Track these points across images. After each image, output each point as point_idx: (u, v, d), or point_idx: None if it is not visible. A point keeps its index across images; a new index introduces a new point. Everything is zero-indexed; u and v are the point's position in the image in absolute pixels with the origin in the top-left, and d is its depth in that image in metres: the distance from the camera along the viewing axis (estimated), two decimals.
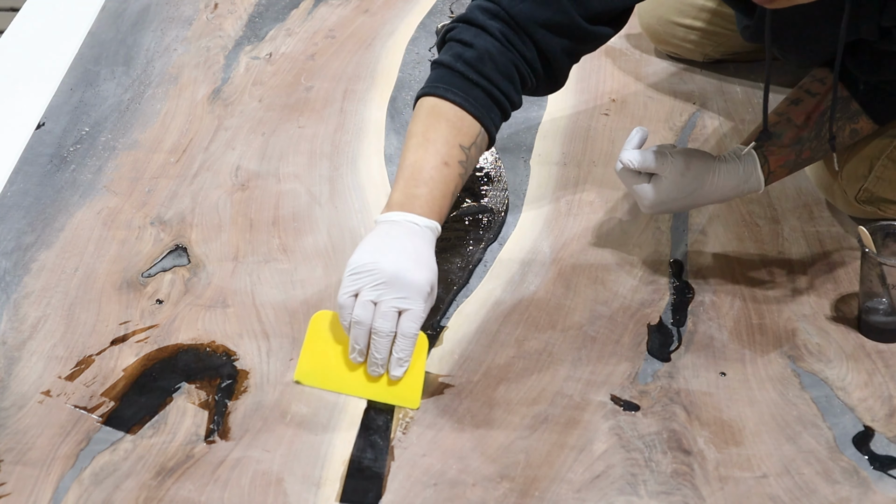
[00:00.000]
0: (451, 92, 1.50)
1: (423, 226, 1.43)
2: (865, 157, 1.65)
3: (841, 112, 1.59)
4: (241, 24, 2.26)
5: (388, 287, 1.38)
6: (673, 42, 2.09)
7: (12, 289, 1.60)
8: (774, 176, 1.60)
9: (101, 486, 1.32)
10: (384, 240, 1.41)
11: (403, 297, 1.38)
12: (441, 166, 1.47)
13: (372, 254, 1.39)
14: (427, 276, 1.39)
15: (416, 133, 1.49)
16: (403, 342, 1.39)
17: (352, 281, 1.39)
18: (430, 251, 1.42)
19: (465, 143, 1.49)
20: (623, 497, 1.32)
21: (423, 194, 1.45)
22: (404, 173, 1.47)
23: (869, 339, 1.52)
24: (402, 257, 1.39)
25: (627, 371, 1.48)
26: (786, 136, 1.59)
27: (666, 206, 1.58)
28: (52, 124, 1.94)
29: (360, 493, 1.32)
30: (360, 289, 1.38)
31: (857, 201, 1.67)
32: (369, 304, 1.38)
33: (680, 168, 1.55)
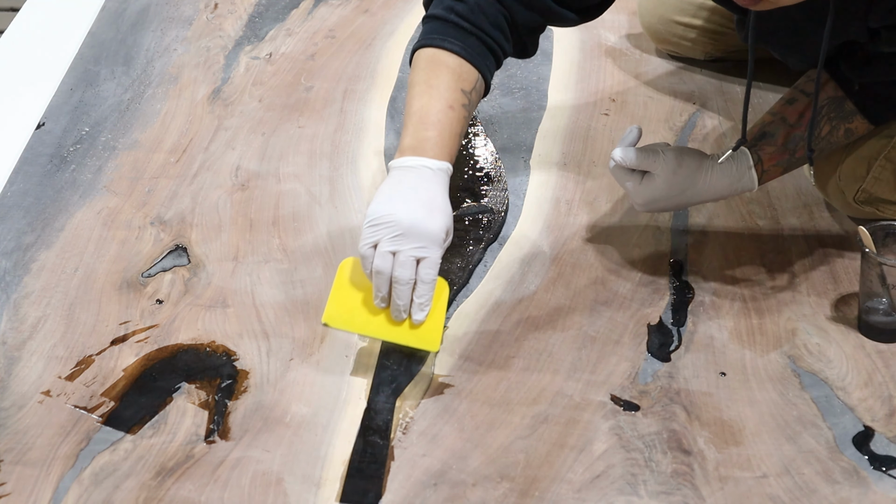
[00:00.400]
0: (448, 41, 1.55)
1: (435, 169, 1.48)
2: (863, 158, 1.65)
3: (835, 112, 1.59)
4: (241, 24, 2.26)
5: (405, 237, 1.43)
6: (673, 41, 2.09)
7: (12, 289, 1.60)
8: (768, 175, 1.60)
9: (101, 486, 1.32)
10: (399, 188, 1.46)
11: (420, 247, 1.43)
12: (447, 109, 1.52)
13: (388, 204, 1.45)
14: (442, 223, 1.45)
15: (419, 81, 1.54)
16: (423, 288, 1.45)
17: (371, 232, 1.44)
18: (444, 194, 1.47)
19: (466, 87, 1.55)
20: (623, 497, 1.32)
21: (432, 137, 1.49)
22: (412, 119, 1.52)
23: (869, 339, 1.52)
24: (416, 206, 1.44)
25: (627, 371, 1.48)
26: (779, 136, 1.59)
27: (659, 205, 1.59)
28: (52, 124, 1.94)
29: (360, 493, 1.32)
30: (378, 240, 1.44)
31: (856, 202, 1.67)
32: (388, 255, 1.43)
33: (672, 166, 1.55)
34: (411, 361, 1.48)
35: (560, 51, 2.17)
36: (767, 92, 1.99)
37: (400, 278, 1.44)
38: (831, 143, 1.61)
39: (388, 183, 1.48)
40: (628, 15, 2.26)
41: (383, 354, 1.50)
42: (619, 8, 2.27)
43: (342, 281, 1.50)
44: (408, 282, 1.44)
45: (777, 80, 1.98)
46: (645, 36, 2.18)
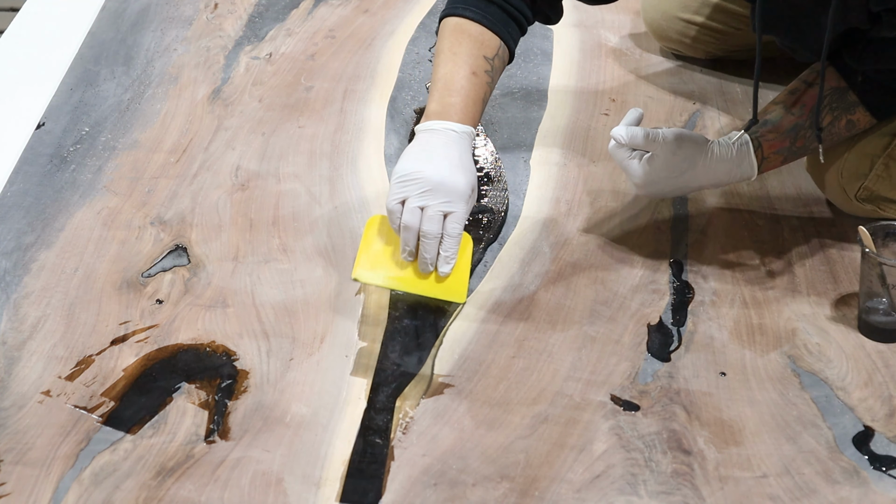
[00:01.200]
0: (470, 10, 1.62)
1: (460, 132, 1.55)
2: (866, 155, 1.65)
3: (837, 102, 1.59)
4: (241, 24, 2.26)
5: (433, 193, 1.50)
6: (675, 38, 2.09)
7: (12, 289, 1.60)
8: (768, 163, 1.61)
9: (101, 486, 1.32)
10: (426, 148, 1.54)
11: (447, 202, 1.51)
12: (470, 76, 1.59)
13: (416, 162, 1.52)
14: (468, 180, 1.52)
15: (444, 49, 1.62)
16: (449, 241, 1.52)
17: (399, 188, 1.51)
18: (469, 156, 1.55)
19: (488, 54, 1.62)
20: (623, 497, 1.32)
21: (457, 102, 1.57)
22: (437, 85, 1.59)
23: (869, 339, 1.52)
24: (443, 164, 1.51)
25: (627, 371, 1.48)
26: (781, 124, 1.60)
27: (657, 187, 1.59)
28: (52, 124, 1.94)
29: (360, 493, 1.32)
30: (406, 196, 1.51)
31: (857, 199, 1.67)
32: (416, 210, 1.50)
33: (671, 147, 1.56)
34: (412, 361, 1.49)
35: (560, 51, 2.17)
36: (770, 92, 1.99)
37: (428, 232, 1.50)
38: (833, 133, 1.61)
39: (416, 144, 1.55)
40: (630, 14, 2.26)
41: (383, 354, 1.50)
42: (621, 8, 2.28)
43: (369, 238, 1.56)
44: (435, 236, 1.51)
45: (780, 80, 1.98)
46: (645, 36, 2.18)
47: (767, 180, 1.80)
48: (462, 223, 1.53)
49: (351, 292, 1.59)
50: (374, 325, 1.54)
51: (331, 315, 1.56)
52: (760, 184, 1.79)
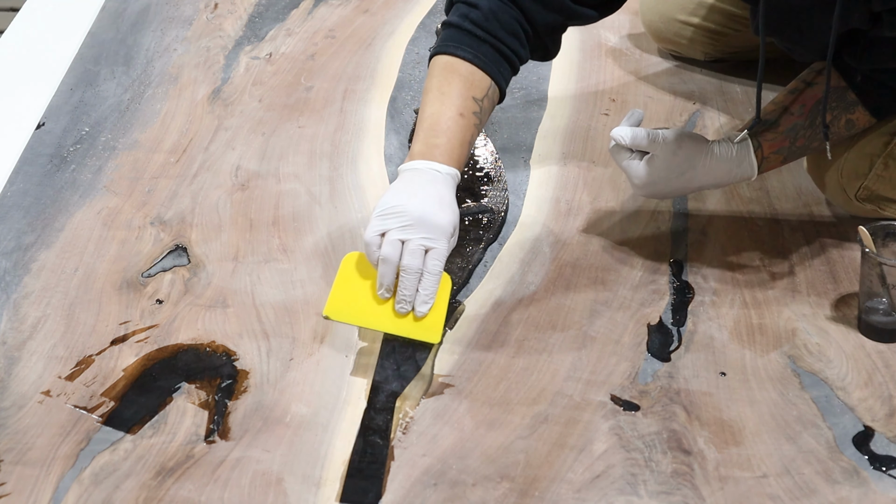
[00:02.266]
0: (462, 49, 1.59)
1: (444, 173, 1.52)
2: (866, 155, 1.65)
3: (837, 102, 1.60)
4: (241, 24, 2.26)
5: (415, 228, 1.47)
6: (674, 40, 2.09)
7: (12, 289, 1.60)
8: (768, 163, 1.61)
9: (101, 486, 1.32)
10: (409, 185, 1.50)
11: (429, 237, 1.47)
12: (457, 117, 1.55)
13: (398, 197, 1.49)
14: (450, 218, 1.49)
15: (432, 88, 1.58)
16: (429, 279, 1.48)
17: (380, 222, 1.48)
18: (452, 196, 1.51)
19: (477, 95, 1.58)
20: (623, 497, 1.32)
21: (442, 143, 1.54)
22: (423, 125, 1.56)
23: (869, 339, 1.52)
24: (427, 201, 1.48)
25: (627, 371, 1.48)
26: (781, 124, 1.60)
27: (657, 188, 1.59)
28: (52, 124, 1.95)
29: (360, 493, 1.32)
30: (387, 229, 1.47)
31: (857, 199, 1.67)
32: (397, 243, 1.46)
33: (671, 147, 1.56)
34: (411, 361, 1.49)
35: (560, 51, 2.16)
36: (769, 92, 1.99)
37: (408, 267, 1.46)
38: (832, 133, 1.61)
39: (399, 182, 1.52)
40: (629, 15, 2.26)
41: (383, 354, 1.50)
42: (621, 8, 2.27)
43: (345, 275, 1.51)
44: (416, 271, 1.47)
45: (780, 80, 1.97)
46: (645, 36, 2.18)
47: (767, 180, 1.80)
48: (443, 260, 1.48)
49: None
50: None
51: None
52: (760, 184, 1.80)
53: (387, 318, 1.49)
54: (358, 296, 1.50)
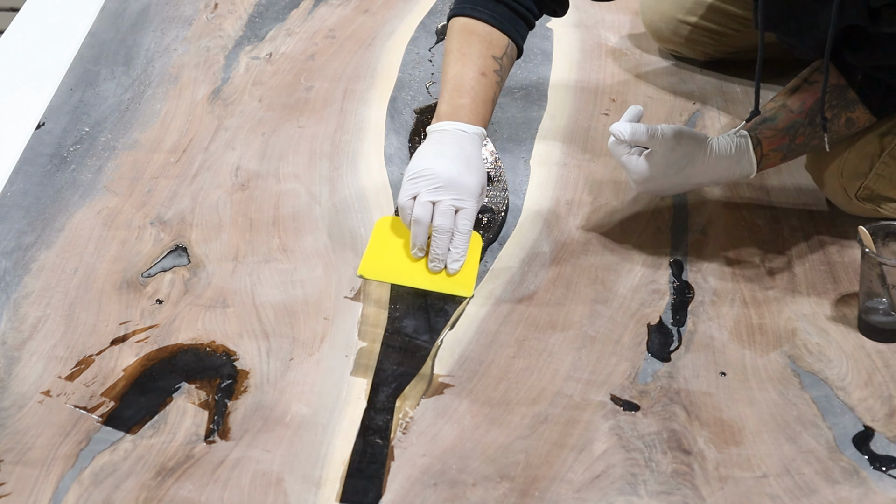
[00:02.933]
0: (477, 10, 1.66)
1: (471, 132, 1.59)
2: (866, 155, 1.65)
3: (837, 100, 1.60)
4: (241, 24, 2.26)
5: (445, 189, 1.54)
6: (674, 39, 2.09)
7: (12, 289, 1.60)
8: (767, 160, 1.62)
9: (101, 486, 1.32)
10: (438, 147, 1.57)
11: (459, 198, 1.54)
12: (479, 77, 1.62)
13: (428, 160, 1.55)
14: (478, 179, 1.56)
15: (452, 50, 1.65)
16: (460, 238, 1.55)
17: (411, 185, 1.55)
18: (479, 156, 1.59)
19: (497, 54, 1.65)
20: (623, 497, 1.32)
21: (466, 104, 1.60)
22: (447, 86, 1.62)
23: (869, 339, 1.52)
24: (455, 162, 1.55)
25: (627, 371, 1.48)
26: (780, 121, 1.61)
27: (657, 184, 1.60)
28: (52, 124, 1.95)
29: (360, 493, 1.32)
30: (418, 192, 1.54)
31: (857, 198, 1.67)
32: (428, 204, 1.53)
33: (670, 143, 1.57)
34: (411, 361, 1.49)
35: (560, 51, 2.17)
36: (769, 91, 1.99)
37: (440, 226, 1.53)
38: (832, 131, 1.61)
39: (427, 143, 1.59)
40: (629, 15, 2.26)
41: (383, 354, 1.50)
42: (621, 8, 2.28)
43: (378, 237, 1.59)
44: (447, 230, 1.54)
45: (779, 80, 1.98)
46: (645, 36, 2.18)
47: (767, 180, 1.80)
48: (472, 220, 1.56)
49: (351, 292, 1.59)
50: (374, 325, 1.54)
51: (331, 315, 1.56)
52: (760, 184, 1.80)
53: (420, 275, 1.56)
54: (391, 255, 1.57)
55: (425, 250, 1.56)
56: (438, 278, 1.55)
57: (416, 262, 1.56)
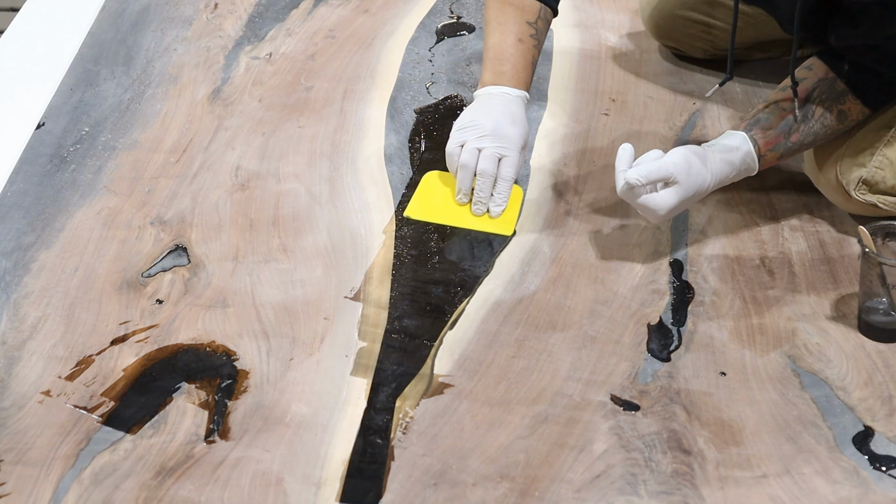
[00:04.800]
0: None
1: (514, 95, 1.71)
2: (864, 149, 1.66)
3: (827, 93, 1.62)
4: (241, 24, 2.26)
5: (490, 138, 1.67)
6: (673, 36, 2.09)
7: (12, 289, 1.60)
8: (766, 160, 1.64)
9: (101, 486, 1.32)
10: (484, 106, 1.70)
11: (503, 147, 1.67)
12: (517, 43, 1.73)
13: (475, 114, 1.69)
14: (521, 132, 1.69)
15: (490, 20, 1.76)
16: (503, 185, 1.68)
17: (459, 135, 1.68)
18: (523, 114, 1.71)
19: (531, 19, 1.75)
20: (623, 497, 1.32)
21: (508, 70, 1.72)
22: (489, 55, 1.74)
23: (869, 339, 1.52)
24: (500, 116, 1.68)
25: (627, 371, 1.48)
26: (774, 120, 1.63)
27: (677, 210, 1.60)
28: (52, 124, 1.95)
29: (360, 493, 1.32)
30: (465, 140, 1.67)
31: (856, 195, 1.67)
32: (474, 151, 1.67)
33: (684, 168, 1.57)
34: (411, 361, 1.49)
35: (560, 51, 2.17)
36: (766, 90, 1.99)
37: (484, 171, 1.66)
38: (825, 125, 1.63)
39: (474, 104, 1.72)
40: (629, 14, 2.26)
41: (383, 354, 1.50)
42: (621, 7, 2.28)
43: (425, 185, 1.75)
44: (491, 175, 1.66)
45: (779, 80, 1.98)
46: (645, 36, 2.18)
47: (767, 180, 1.80)
48: (515, 169, 1.67)
49: (351, 292, 1.59)
50: (374, 325, 1.54)
51: (331, 315, 1.56)
52: (760, 184, 1.80)
53: (464, 216, 1.69)
54: (437, 200, 1.72)
55: (469, 196, 1.69)
56: (481, 220, 1.68)
57: (461, 206, 1.70)
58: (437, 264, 1.65)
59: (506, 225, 1.68)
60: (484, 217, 1.69)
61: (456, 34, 2.23)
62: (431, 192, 1.74)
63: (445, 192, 1.73)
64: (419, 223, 1.71)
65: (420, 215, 1.70)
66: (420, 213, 1.70)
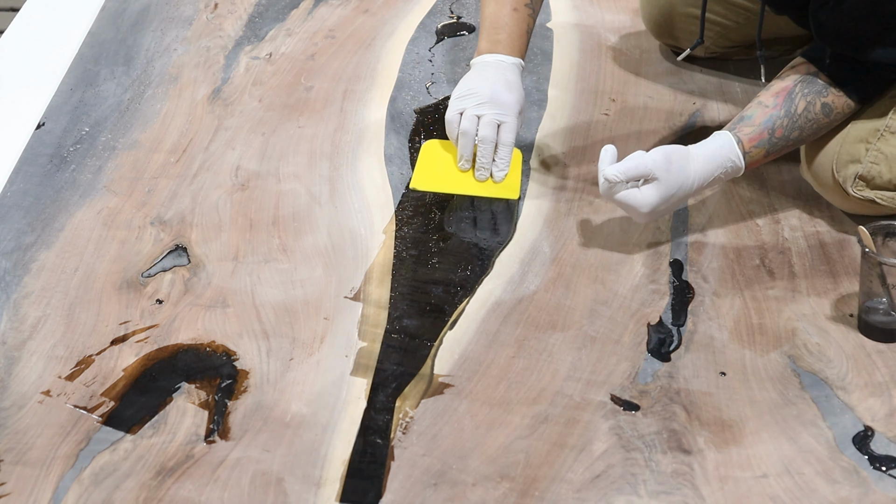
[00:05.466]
0: None
1: (509, 62, 1.75)
2: (859, 141, 1.66)
3: (809, 87, 1.64)
4: (241, 24, 2.26)
5: (488, 105, 1.71)
6: (673, 34, 2.09)
7: (12, 289, 1.60)
8: (751, 157, 1.64)
9: (101, 486, 1.32)
10: (480, 73, 1.75)
11: (501, 113, 1.71)
12: (512, 13, 1.77)
13: (472, 82, 1.74)
14: (517, 98, 1.73)
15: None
16: (503, 150, 1.73)
17: (458, 103, 1.73)
18: (518, 81, 1.75)
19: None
20: (623, 497, 1.32)
21: (503, 38, 1.77)
22: (485, 24, 1.78)
23: (869, 339, 1.52)
24: (497, 84, 1.73)
25: (627, 371, 1.48)
26: (756, 117, 1.64)
27: (661, 208, 1.60)
28: (52, 124, 1.95)
29: (360, 493, 1.32)
30: (464, 108, 1.72)
31: (853, 190, 1.66)
32: (473, 118, 1.72)
33: (664, 164, 1.58)
34: (411, 361, 1.49)
35: (560, 51, 2.17)
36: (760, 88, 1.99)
37: (485, 137, 1.71)
38: (809, 119, 1.64)
39: (471, 72, 1.76)
40: (629, 14, 2.26)
41: (383, 354, 1.50)
42: (621, 7, 2.28)
43: (426, 156, 1.79)
44: (491, 141, 1.71)
45: None
46: (645, 36, 2.18)
47: (767, 180, 1.80)
48: (513, 133, 1.72)
49: (351, 292, 1.59)
50: (374, 325, 1.54)
51: (331, 315, 1.56)
52: (760, 184, 1.80)
53: (469, 183, 1.74)
54: (440, 169, 1.76)
55: (471, 162, 1.74)
56: (486, 185, 1.73)
57: (464, 174, 1.74)
58: (437, 264, 1.65)
59: (510, 189, 1.73)
60: (488, 182, 1.73)
61: (456, 34, 2.23)
62: (433, 162, 1.78)
63: (447, 159, 1.77)
64: (419, 223, 1.71)
65: (426, 186, 1.74)
66: (426, 183, 1.74)
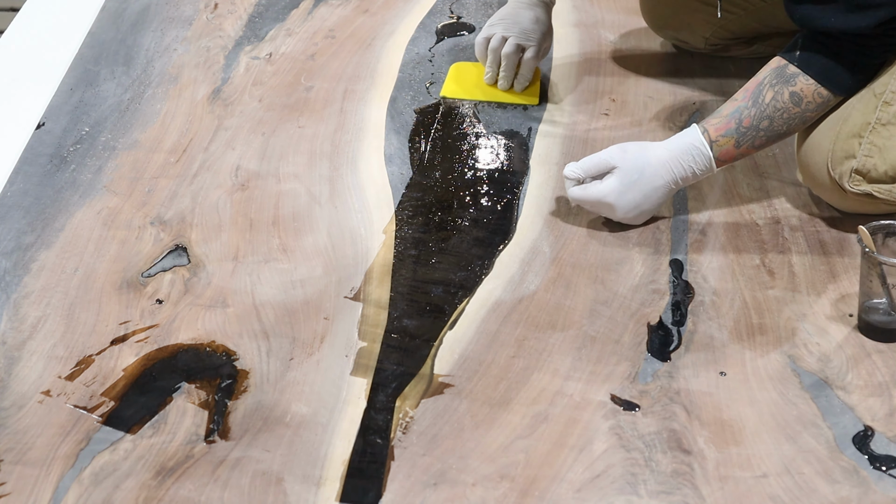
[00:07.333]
0: None
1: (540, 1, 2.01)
2: (850, 140, 1.65)
3: (776, 79, 1.67)
4: (241, 24, 2.26)
5: (516, 31, 1.99)
6: (674, 25, 2.09)
7: (12, 289, 1.60)
8: (719, 147, 1.67)
9: (101, 486, 1.32)
10: (512, 7, 2.01)
11: (525, 38, 2.00)
12: None
13: (503, 14, 2.02)
14: (542, 29, 2.01)
15: None
16: (526, 66, 2.01)
17: (488, 29, 2.02)
18: (546, 18, 2.02)
19: None
20: (623, 497, 1.32)
21: None
22: None
23: (869, 339, 1.52)
24: (525, 16, 2.00)
25: (627, 371, 1.48)
26: (724, 109, 1.69)
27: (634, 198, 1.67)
28: (52, 124, 1.95)
29: (360, 493, 1.32)
30: (493, 32, 2.01)
31: (850, 186, 1.66)
32: (501, 39, 2.00)
33: (618, 152, 1.67)
34: (411, 361, 1.49)
35: (560, 51, 2.17)
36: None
37: (508, 54, 1.98)
38: (778, 108, 1.66)
39: (505, 6, 2.02)
40: (629, 14, 2.26)
41: (383, 354, 1.50)
42: (621, 7, 2.28)
43: (455, 71, 2.07)
44: (515, 56, 1.99)
45: None
46: (645, 36, 2.18)
47: (767, 180, 1.80)
48: (536, 55, 1.99)
49: (351, 292, 1.59)
50: (374, 325, 1.55)
51: (331, 315, 1.56)
52: (760, 184, 1.80)
53: (493, 92, 2.02)
54: (468, 81, 2.04)
55: (496, 76, 2.01)
56: (508, 93, 2.01)
57: (489, 86, 2.02)
58: (437, 264, 1.65)
59: (531, 97, 2.00)
60: (510, 91, 2.00)
61: (456, 34, 2.23)
62: (461, 77, 2.05)
63: (474, 74, 2.04)
64: (419, 223, 1.71)
65: (454, 94, 2.01)
66: (454, 92, 2.02)
